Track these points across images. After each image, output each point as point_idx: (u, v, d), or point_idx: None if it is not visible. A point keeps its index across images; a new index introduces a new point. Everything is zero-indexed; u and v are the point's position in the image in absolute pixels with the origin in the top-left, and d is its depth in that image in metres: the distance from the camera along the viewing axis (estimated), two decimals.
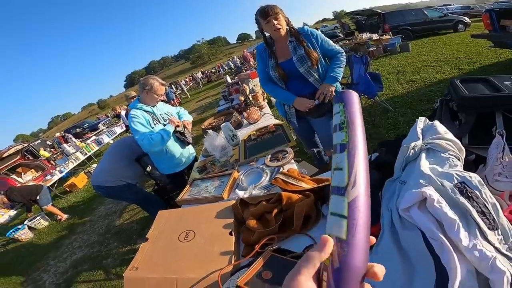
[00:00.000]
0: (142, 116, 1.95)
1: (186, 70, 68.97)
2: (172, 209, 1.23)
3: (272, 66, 1.67)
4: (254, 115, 2.34)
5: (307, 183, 1.05)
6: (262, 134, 1.96)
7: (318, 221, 0.89)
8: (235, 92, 3.79)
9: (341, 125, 0.36)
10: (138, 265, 0.89)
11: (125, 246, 3.25)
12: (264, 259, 0.70)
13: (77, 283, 2.97)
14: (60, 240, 4.38)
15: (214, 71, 26.93)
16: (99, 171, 2.39)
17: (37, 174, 7.94)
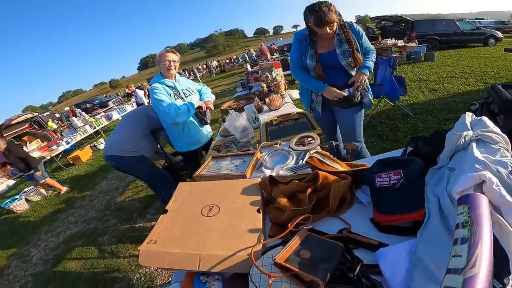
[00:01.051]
0: (163, 88, 1.94)
1: (200, 58, 68.95)
2: (194, 182, 1.18)
3: (312, 55, 1.66)
4: (276, 102, 2.30)
5: (342, 166, 0.99)
6: (284, 120, 1.92)
7: (352, 205, 0.84)
8: (255, 80, 3.74)
9: (464, 224, 0.45)
10: (157, 239, 0.81)
11: (124, 224, 3.16)
12: (300, 238, 0.65)
13: (67, 259, 2.87)
14: (56, 214, 4.27)
15: (229, 61, 26.97)
16: (115, 141, 2.31)
17: (42, 144, 7.98)
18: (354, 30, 1.61)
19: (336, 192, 0.81)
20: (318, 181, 0.85)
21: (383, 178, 0.75)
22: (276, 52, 16.00)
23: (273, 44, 21.14)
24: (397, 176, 0.74)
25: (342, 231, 0.71)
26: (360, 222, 0.76)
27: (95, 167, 6.17)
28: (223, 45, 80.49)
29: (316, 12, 1.45)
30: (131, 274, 2.29)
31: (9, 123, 7.71)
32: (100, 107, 15.49)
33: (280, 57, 10.82)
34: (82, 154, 7.09)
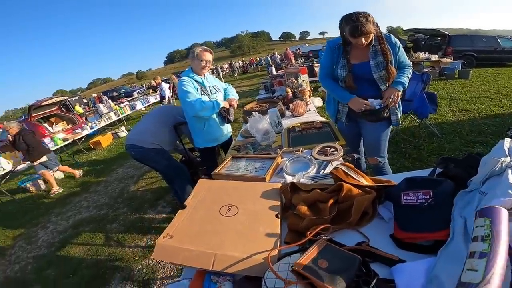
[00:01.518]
0: (191, 82, 1.98)
1: (224, 57, 69.89)
2: (214, 180, 1.17)
3: (343, 65, 1.61)
4: (300, 108, 2.28)
5: (367, 180, 0.96)
6: (307, 128, 1.89)
7: (372, 220, 0.82)
8: (278, 84, 3.72)
9: (485, 237, 0.43)
10: (174, 234, 0.81)
11: (134, 214, 3.20)
12: (320, 247, 0.64)
13: (72, 244, 2.91)
14: (69, 197, 4.37)
15: (251, 63, 27.20)
16: (139, 131, 2.39)
17: (67, 126, 8.30)
18: (391, 43, 1.55)
19: (359, 206, 0.79)
20: (342, 192, 0.83)
21: (410, 196, 0.74)
22: (301, 58, 15.88)
23: (299, 49, 20.97)
24: (426, 196, 0.73)
25: (361, 244, 0.70)
26: (378, 237, 0.75)
27: (114, 153, 6.37)
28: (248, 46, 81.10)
29: (353, 22, 1.41)
30: (133, 265, 2.32)
31: (39, 104, 8.06)
32: (126, 96, 16.07)
33: (305, 63, 10.71)
34: (103, 140, 7.35)
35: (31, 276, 2.55)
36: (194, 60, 2.02)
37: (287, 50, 14.98)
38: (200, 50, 2.01)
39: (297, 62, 12.48)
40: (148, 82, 31.15)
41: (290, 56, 13.81)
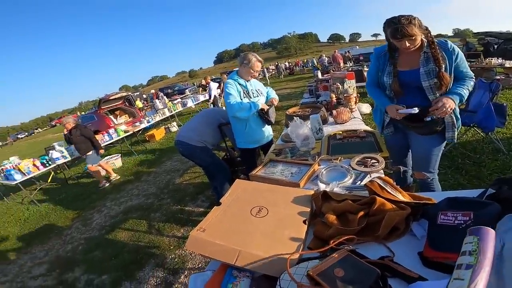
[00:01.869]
0: (235, 85, 2.11)
1: (271, 58, 70.35)
2: (249, 181, 1.24)
3: (389, 72, 1.54)
4: (344, 115, 2.23)
5: (404, 196, 0.93)
6: (349, 136, 1.84)
7: (403, 236, 0.79)
8: (323, 89, 3.66)
9: (472, 252, 0.50)
10: (206, 228, 0.89)
11: (175, 205, 3.45)
12: (339, 256, 0.65)
13: (120, 229, 3.23)
14: (124, 184, 4.86)
15: (298, 65, 26.92)
16: (188, 129, 2.62)
17: (129, 119, 9.30)
18: (446, 49, 1.41)
19: (390, 221, 0.77)
20: (374, 206, 0.82)
21: (447, 216, 0.71)
22: (350, 61, 15.15)
23: (348, 52, 19.91)
24: (465, 218, 0.69)
25: (384, 259, 0.69)
26: (405, 253, 0.73)
27: (165, 146, 6.92)
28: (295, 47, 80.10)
29: (394, 24, 1.35)
30: (167, 253, 2.51)
31: (107, 98, 9.15)
32: (178, 93, 17.34)
33: (354, 66, 10.22)
34: (157, 133, 8.07)
35: (79, 257, 2.91)
36: (245, 67, 2.12)
37: (335, 53, 14.30)
38: (255, 60, 2.11)
39: (345, 66, 11.94)
40: (199, 80, 33.06)
41: (339, 59, 13.21)
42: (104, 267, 2.59)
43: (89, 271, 2.60)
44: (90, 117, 9.38)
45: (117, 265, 2.55)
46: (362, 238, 0.77)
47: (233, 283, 0.72)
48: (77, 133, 4.62)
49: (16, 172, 4.73)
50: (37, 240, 3.58)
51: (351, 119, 2.34)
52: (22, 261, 3.14)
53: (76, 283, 2.47)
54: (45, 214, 4.47)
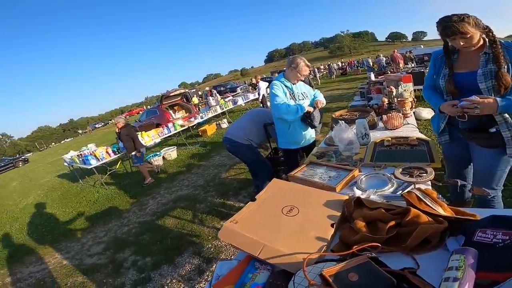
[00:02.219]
0: (281, 87, 2.15)
1: (322, 58, 67.97)
2: (286, 181, 1.29)
3: (444, 75, 1.45)
4: (395, 121, 2.10)
5: (445, 210, 0.88)
6: (399, 143, 1.74)
7: (434, 250, 0.75)
8: (376, 92, 3.48)
9: (458, 267, 0.59)
10: (239, 220, 0.96)
11: (219, 198, 3.65)
12: (358, 262, 0.66)
13: (168, 216, 3.53)
14: (177, 175, 5.29)
15: (353, 65, 25.55)
16: (236, 127, 2.79)
17: (185, 114, 10.09)
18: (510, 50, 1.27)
19: (421, 233, 0.74)
20: (407, 216, 0.80)
21: (486, 234, 0.67)
22: (412, 61, 13.69)
23: (410, 52, 17.98)
24: (505, 237, 0.65)
25: (404, 270, 0.67)
26: (433, 266, 0.69)
27: (215, 142, 7.32)
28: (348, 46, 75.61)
29: (445, 22, 1.26)
30: (205, 243, 2.69)
31: (168, 94, 10.08)
32: (230, 91, 18.09)
33: (417, 67, 9.27)
34: (209, 129, 8.60)
35: (131, 239, 3.26)
36: (293, 70, 2.15)
37: (395, 53, 13.00)
38: (303, 64, 2.14)
39: (406, 67, 10.90)
40: (249, 79, 33.93)
41: (398, 59, 12.03)
42: (149, 250, 2.89)
43: (136, 253, 2.92)
44: (153, 111, 10.43)
45: (160, 249, 2.82)
46: (388, 247, 0.76)
47: (253, 273, 0.78)
48: (125, 132, 5.01)
49: (92, 157, 5.52)
50: (101, 221, 4.12)
51: (404, 125, 2.19)
52: (84, 240, 3.64)
53: (124, 263, 2.80)
54: (110, 197, 5.12)
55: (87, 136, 37.97)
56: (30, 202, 6.69)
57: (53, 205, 5.71)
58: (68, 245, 3.63)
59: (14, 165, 19.63)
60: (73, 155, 6.44)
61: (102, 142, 14.58)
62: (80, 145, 10.14)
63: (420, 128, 3.94)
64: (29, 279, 3.04)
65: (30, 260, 3.48)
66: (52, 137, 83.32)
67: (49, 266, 3.19)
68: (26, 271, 3.24)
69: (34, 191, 7.74)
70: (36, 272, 3.13)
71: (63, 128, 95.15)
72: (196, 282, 2.25)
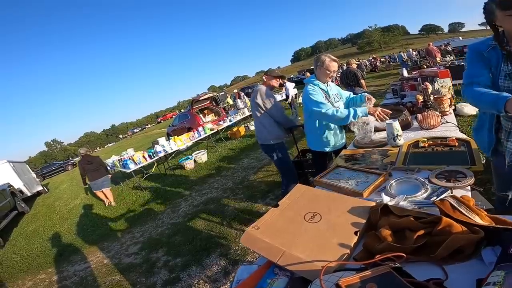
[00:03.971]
0: (319, 91, 2.07)
1: (350, 54, 65.24)
2: (310, 186, 1.25)
3: (508, 73, 1.15)
4: (431, 120, 1.95)
5: (483, 218, 0.80)
6: (436, 144, 1.62)
7: (466, 261, 0.69)
8: (410, 89, 3.27)
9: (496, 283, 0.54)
10: (261, 226, 0.97)
11: (246, 201, 3.70)
12: (379, 272, 0.62)
13: (198, 217, 3.65)
14: (207, 177, 5.46)
15: (384, 60, 24.22)
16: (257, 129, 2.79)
17: (214, 118, 10.31)
18: None
19: (453, 243, 0.69)
20: (438, 226, 0.74)
21: None
22: (450, 54, 12.61)
23: (447, 44, 16.49)
24: None
25: (430, 281, 0.62)
26: (464, 277, 0.65)
27: (244, 144, 7.43)
28: (378, 41, 71.53)
29: None
30: (232, 245, 2.73)
31: (198, 98, 10.45)
32: None
33: (456, 60, 8.53)
34: (238, 131, 8.72)
35: (164, 240, 3.41)
36: (321, 68, 2.08)
37: (430, 45, 11.97)
38: (329, 60, 2.06)
39: (444, 60, 10.07)
40: None
41: (435, 52, 11.12)
42: (180, 250, 3.01)
43: (168, 253, 3.07)
44: (185, 115, 10.86)
45: (190, 250, 2.93)
46: (414, 257, 0.71)
47: (271, 279, 0.78)
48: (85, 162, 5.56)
49: (131, 162, 5.90)
50: (138, 222, 4.39)
51: (442, 124, 2.03)
52: (123, 240, 3.90)
53: (157, 263, 2.95)
54: (147, 199, 5.43)
55: (127, 141, 40.62)
56: (78, 203, 7.30)
57: (98, 207, 6.17)
58: (109, 245, 3.91)
59: (64, 169, 21.40)
60: (115, 159, 6.97)
61: (140, 147, 15.54)
62: (121, 150, 10.89)
63: (462, 126, 3.64)
64: (74, 277, 3.32)
65: (76, 259, 3.79)
66: (97, 142, 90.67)
67: (91, 265, 3.46)
68: (72, 269, 3.53)
69: (82, 193, 8.40)
70: (80, 271, 3.41)
71: (106, 133, 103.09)
72: (222, 284, 2.30)
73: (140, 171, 6.71)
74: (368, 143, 1.96)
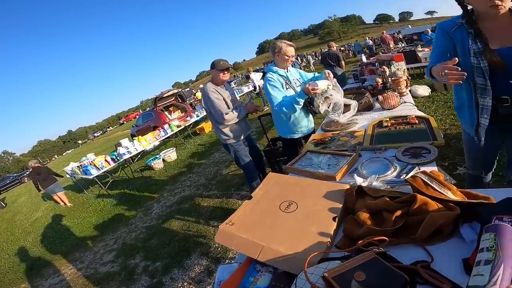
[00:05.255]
0: (277, 79, 2.04)
1: (313, 44, 67.09)
2: (282, 174, 1.22)
3: (477, 51, 1.13)
4: (391, 100, 2.03)
5: (455, 193, 0.82)
6: (398, 123, 1.68)
7: (448, 239, 0.70)
8: (369, 73, 3.40)
9: (489, 248, 0.50)
10: (235, 221, 0.91)
11: (221, 196, 3.62)
12: (364, 258, 0.59)
13: (173, 218, 3.51)
14: (178, 176, 5.26)
15: (344, 49, 25.20)
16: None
17: (181, 114, 9.94)
18: None
19: (432, 222, 0.68)
20: (414, 205, 0.74)
21: (503, 222, 0.60)
22: (401, 42, 13.64)
23: (398, 32, 17.98)
24: None
25: (417, 264, 0.61)
26: (449, 258, 0.65)
27: (213, 139, 7.24)
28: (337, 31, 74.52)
29: None
30: (212, 243, 2.65)
31: (162, 95, 9.90)
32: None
33: (407, 47, 9.18)
34: (206, 126, 8.53)
35: (140, 244, 3.24)
36: (279, 55, 2.06)
37: (384, 34, 12.97)
38: (285, 45, 2.04)
39: (397, 47, 10.80)
40: (242, 72, 33.66)
41: (388, 40, 11.93)
42: (158, 254, 2.87)
43: (146, 258, 2.91)
44: (149, 114, 10.27)
45: (169, 253, 2.80)
46: (396, 239, 0.70)
47: (254, 276, 0.73)
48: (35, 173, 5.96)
49: (92, 167, 5.49)
50: (109, 229, 4.13)
51: (401, 104, 2.12)
52: (96, 249, 3.64)
53: (136, 269, 2.79)
54: (115, 204, 5.11)
55: (87, 146, 38.03)
56: (40, 216, 6.76)
57: (62, 217, 5.76)
58: (81, 255, 3.65)
59: (20, 181, 19.71)
60: (74, 166, 6.42)
61: (102, 151, 14.54)
62: (81, 156, 10.12)
63: (418, 106, 3.89)
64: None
65: (48, 272, 3.51)
66: (54, 150, 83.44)
67: (66, 277, 3.21)
68: (46, 283, 3.27)
69: (43, 205, 7.80)
70: (55, 284, 3.16)
71: (63, 140, 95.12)
72: (207, 284, 2.23)
73: (105, 176, 6.30)
74: (335, 125, 1.98)
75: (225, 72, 2.44)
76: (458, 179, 2.04)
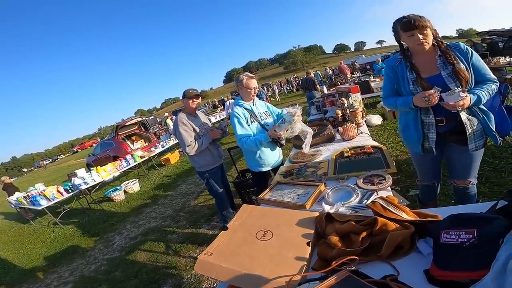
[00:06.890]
0: (242, 114, 2.12)
1: (278, 74, 71.21)
2: (256, 205, 1.27)
3: (413, 80, 1.47)
4: (350, 131, 2.24)
5: (408, 214, 0.95)
6: (356, 153, 1.85)
7: (408, 254, 0.81)
8: (330, 104, 3.71)
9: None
10: (214, 252, 0.94)
11: (191, 227, 3.50)
12: (339, 278, 0.67)
13: (139, 250, 3.32)
14: (142, 208, 5.00)
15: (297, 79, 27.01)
16: None
17: (144, 144, 9.49)
18: (460, 50, 1.41)
19: (392, 240, 0.80)
20: (376, 226, 0.85)
21: (450, 235, 0.71)
22: (357, 71, 15.12)
23: (355, 62, 19.93)
24: (469, 236, 0.69)
25: (387, 278, 0.69)
26: (412, 271, 0.74)
27: (180, 170, 7.06)
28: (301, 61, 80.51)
29: (406, 18, 1.37)
30: (184, 273, 2.54)
31: (124, 123, 9.40)
32: None
33: (362, 76, 10.26)
34: (172, 157, 8.25)
35: (101, 277, 2.98)
36: (242, 88, 2.16)
37: (341, 64, 13.89)
38: (247, 78, 2.14)
39: (353, 76, 11.98)
40: (207, 101, 33.99)
41: (345, 70, 13.01)
42: (124, 286, 2.65)
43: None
44: (109, 143, 9.59)
45: (136, 285, 2.60)
46: (365, 258, 0.79)
47: None
48: None
49: (42, 198, 4.98)
50: (63, 260, 3.74)
51: (359, 135, 2.33)
52: (48, 281, 3.28)
53: None
54: (69, 236, 4.65)
55: (34, 174, 34.25)
56: None
57: (5, 248, 5.14)
58: (30, 287, 3.27)
59: None
60: (19, 196, 5.74)
61: (53, 180, 13.14)
62: (27, 185, 9.00)
63: (372, 135, 4.29)
64: None
65: None
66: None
67: None
68: None
69: None
70: None
71: (5, 167, 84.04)
72: None
73: (56, 207, 5.71)
74: (301, 156, 2.10)
75: (194, 100, 2.53)
76: (411, 200, 2.26)
